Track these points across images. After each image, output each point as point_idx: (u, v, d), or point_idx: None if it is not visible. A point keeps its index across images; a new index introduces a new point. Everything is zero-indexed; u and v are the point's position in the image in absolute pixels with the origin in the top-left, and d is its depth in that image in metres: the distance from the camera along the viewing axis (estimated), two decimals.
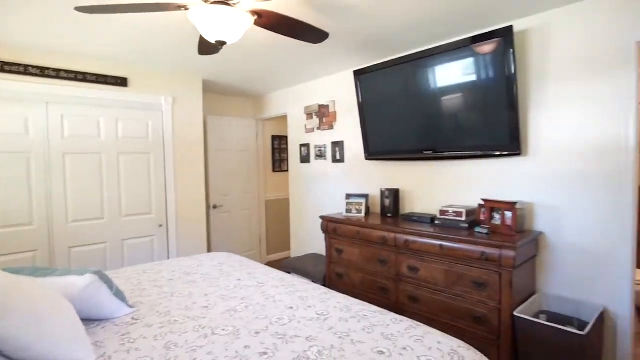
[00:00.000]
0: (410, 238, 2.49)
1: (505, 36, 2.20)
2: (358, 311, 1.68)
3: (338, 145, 3.72)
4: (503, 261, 2.03)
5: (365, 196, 3.27)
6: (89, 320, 1.61)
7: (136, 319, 1.63)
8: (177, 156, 3.60)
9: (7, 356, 1.08)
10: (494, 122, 2.36)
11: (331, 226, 3.11)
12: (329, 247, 3.15)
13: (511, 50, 2.19)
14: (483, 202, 2.39)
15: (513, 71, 2.21)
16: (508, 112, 2.28)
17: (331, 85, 3.77)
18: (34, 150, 2.82)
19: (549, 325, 1.91)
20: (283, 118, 4.95)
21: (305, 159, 4.18)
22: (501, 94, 2.29)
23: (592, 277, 2.14)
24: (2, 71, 2.67)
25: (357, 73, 3.12)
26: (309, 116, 4.05)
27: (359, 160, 3.53)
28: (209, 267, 2.44)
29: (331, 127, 3.79)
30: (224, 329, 1.51)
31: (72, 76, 2.97)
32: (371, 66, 3.00)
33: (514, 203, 2.21)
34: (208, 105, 4.52)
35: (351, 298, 1.86)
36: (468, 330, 2.21)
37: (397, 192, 3.06)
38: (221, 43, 1.74)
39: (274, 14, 1.78)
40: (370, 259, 2.78)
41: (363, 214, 3.13)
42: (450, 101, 2.56)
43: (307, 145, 4.13)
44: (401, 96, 2.83)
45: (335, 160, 3.78)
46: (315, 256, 3.80)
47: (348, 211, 3.21)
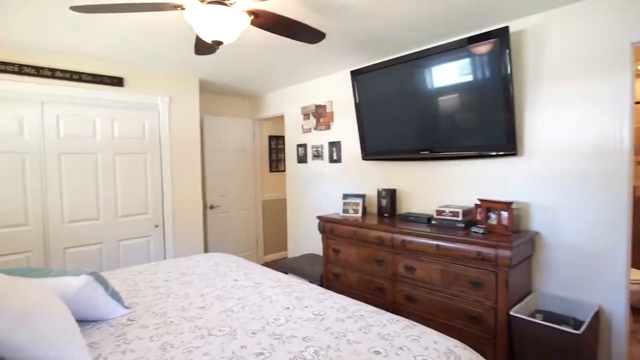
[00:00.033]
0: (407, 238, 2.49)
1: (501, 37, 2.21)
2: (354, 311, 1.68)
3: (335, 145, 3.72)
4: (499, 261, 2.04)
5: (362, 196, 3.27)
6: (85, 321, 1.60)
7: (132, 320, 1.62)
8: (174, 156, 3.59)
9: (1, 357, 1.07)
10: (491, 123, 2.37)
11: (328, 226, 3.11)
12: (326, 247, 3.15)
13: (507, 50, 2.20)
14: (479, 202, 2.40)
15: (509, 71, 2.22)
16: (504, 113, 2.29)
17: (328, 85, 3.77)
18: (29, 150, 2.80)
19: (545, 324, 1.92)
20: (280, 118, 4.95)
21: (302, 159, 4.17)
22: (497, 95, 2.30)
23: (588, 277, 2.15)
24: None
25: (354, 73, 3.12)
26: (306, 116, 4.05)
27: (356, 160, 3.53)
28: (206, 268, 2.44)
29: (328, 127, 3.79)
30: (221, 330, 1.50)
31: (68, 76, 2.95)
32: (368, 66, 3.00)
33: (510, 203, 2.22)
34: (205, 105, 4.50)
35: (348, 298, 1.86)
36: (464, 329, 2.21)
37: (394, 192, 3.07)
38: (217, 43, 1.74)
39: (271, 14, 1.78)
40: (367, 259, 2.79)
41: (360, 214, 3.14)
42: (446, 101, 2.57)
43: (304, 145, 4.13)
44: (398, 96, 2.84)
45: (332, 160, 3.78)
46: (312, 256, 3.79)
47: (345, 211, 3.21)
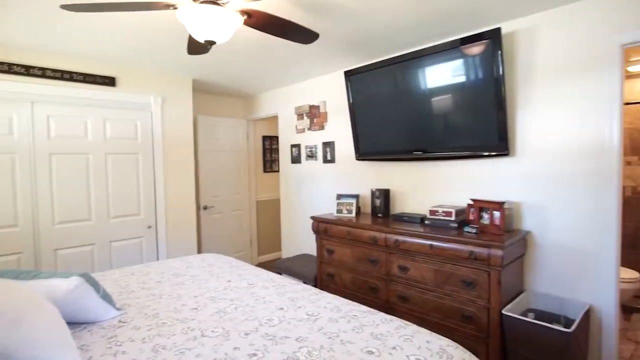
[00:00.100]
0: (400, 238, 2.50)
1: (493, 38, 2.23)
2: (348, 311, 1.68)
3: (329, 145, 3.72)
4: (491, 260, 2.05)
5: (355, 196, 3.27)
6: (76, 323, 1.58)
7: (124, 322, 1.60)
8: (167, 157, 3.56)
9: None
10: (483, 123, 2.39)
11: (322, 226, 3.11)
12: (320, 248, 3.15)
13: (499, 51, 2.22)
14: (472, 202, 2.42)
15: (501, 72, 2.24)
16: (496, 113, 2.31)
17: (322, 85, 3.77)
18: (19, 150, 2.77)
19: (536, 323, 1.93)
20: (274, 118, 4.94)
21: (296, 160, 4.17)
22: (489, 95, 2.32)
23: (578, 275, 2.18)
24: None
25: (348, 74, 3.12)
26: (300, 116, 4.05)
27: (350, 160, 3.53)
28: (199, 269, 2.42)
29: (322, 128, 3.79)
30: (213, 331, 1.50)
31: (59, 75, 2.92)
32: (362, 67, 3.01)
33: (502, 203, 2.23)
34: (198, 105, 4.48)
35: (341, 298, 1.86)
36: (458, 329, 2.22)
37: (388, 192, 3.08)
38: (210, 43, 1.73)
39: (264, 14, 1.77)
40: (360, 259, 2.79)
41: (354, 214, 3.14)
42: (439, 102, 2.58)
43: (298, 145, 4.12)
44: (392, 97, 2.85)
45: (326, 160, 3.78)
46: (306, 257, 3.79)
47: (339, 211, 3.21)
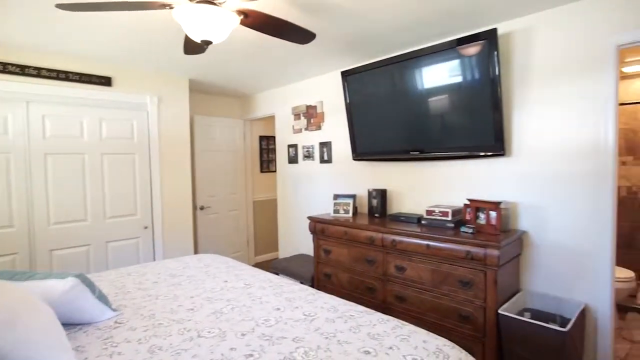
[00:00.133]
0: (397, 238, 2.50)
1: (489, 38, 2.24)
2: (345, 311, 1.68)
3: (326, 145, 3.72)
4: (488, 260, 2.06)
5: (352, 196, 3.27)
6: (71, 324, 1.57)
7: (120, 323, 1.60)
8: (163, 157, 3.55)
9: None
10: (479, 123, 2.40)
11: (319, 227, 3.11)
12: (317, 248, 3.15)
13: (495, 52, 2.22)
14: (468, 202, 2.43)
15: (497, 73, 2.24)
16: (492, 114, 2.32)
17: (319, 85, 3.77)
18: (14, 150, 2.75)
19: (532, 322, 1.94)
20: (271, 118, 4.94)
21: (293, 160, 4.17)
22: (486, 96, 2.33)
23: (574, 275, 2.19)
24: None
25: (345, 74, 3.12)
26: (297, 117, 4.04)
27: (347, 160, 3.54)
28: (195, 269, 2.42)
29: (319, 128, 3.79)
30: (210, 332, 1.49)
31: (54, 75, 2.90)
32: (359, 67, 3.01)
33: (499, 203, 2.24)
34: (195, 105, 4.47)
35: (338, 298, 1.86)
36: (454, 328, 2.23)
37: (385, 193, 3.08)
38: (207, 42, 1.72)
39: (260, 14, 1.77)
40: (357, 259, 2.79)
41: (351, 214, 3.14)
42: (436, 102, 2.59)
43: (295, 145, 4.12)
44: (388, 97, 2.85)
45: (323, 160, 3.78)
46: (303, 257, 3.79)
47: (336, 211, 3.21)
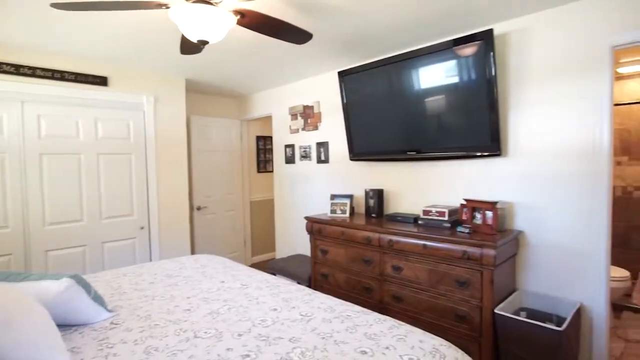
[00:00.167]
0: (394, 238, 2.50)
1: (485, 39, 2.25)
2: (341, 311, 1.68)
3: (323, 145, 3.72)
4: (484, 260, 2.07)
5: (349, 197, 3.28)
6: (66, 325, 1.56)
7: (115, 324, 1.59)
8: (160, 157, 3.54)
9: None
10: (476, 123, 2.40)
11: (316, 227, 3.10)
12: (314, 248, 3.15)
13: (491, 53, 2.23)
14: (465, 202, 2.43)
15: (493, 73, 2.25)
16: (489, 114, 2.33)
17: (316, 86, 3.77)
18: (9, 150, 2.73)
19: (528, 321, 1.95)
20: (268, 118, 4.93)
21: (290, 160, 4.17)
22: (482, 96, 2.34)
23: (570, 274, 2.20)
24: None
25: (342, 74, 3.13)
26: (294, 117, 4.04)
27: (344, 160, 3.54)
28: (192, 270, 2.41)
29: (316, 128, 3.79)
30: (206, 332, 1.49)
31: (49, 75, 2.88)
32: (355, 67, 3.01)
33: (495, 203, 2.25)
34: (191, 105, 4.46)
35: (335, 298, 1.86)
36: (451, 328, 2.23)
37: (381, 193, 3.09)
38: (203, 42, 1.72)
39: (257, 14, 1.77)
40: (354, 259, 2.79)
41: (347, 215, 3.14)
42: (433, 102, 2.59)
43: (292, 145, 4.12)
44: (385, 97, 2.86)
45: (319, 160, 3.78)
46: (300, 257, 3.79)
47: (333, 212, 3.21)
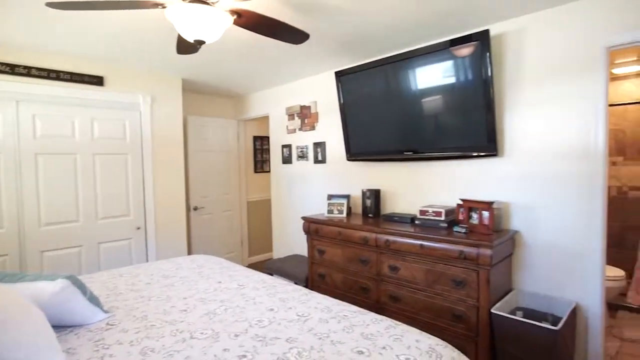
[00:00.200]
0: (391, 238, 2.51)
1: (482, 40, 2.25)
2: (338, 311, 1.68)
3: (320, 146, 3.72)
4: (480, 259, 2.07)
5: (346, 197, 3.28)
6: (62, 326, 1.56)
7: (111, 325, 1.58)
8: (156, 157, 3.53)
9: None
10: (472, 124, 2.41)
11: (313, 227, 3.10)
12: (311, 248, 3.15)
13: (488, 53, 2.24)
14: (461, 202, 2.44)
15: (489, 74, 2.26)
16: (485, 114, 2.34)
17: (313, 86, 3.77)
18: (4, 150, 2.71)
19: (524, 321, 1.96)
20: (265, 118, 4.92)
21: (287, 160, 4.16)
22: (478, 96, 2.34)
23: (565, 274, 2.21)
24: None
25: (339, 74, 3.13)
26: (291, 117, 4.04)
27: (341, 161, 3.54)
28: (188, 270, 2.40)
29: (313, 128, 3.79)
30: (203, 333, 1.48)
31: (45, 74, 2.86)
32: (352, 67, 3.02)
33: (491, 203, 2.26)
34: (188, 105, 4.44)
35: (331, 299, 1.86)
36: (448, 328, 2.24)
37: (378, 193, 3.09)
38: (200, 42, 1.71)
39: (254, 14, 1.77)
40: (351, 259, 2.80)
41: (344, 215, 3.15)
42: (429, 103, 2.60)
43: (289, 146, 4.12)
44: (382, 97, 2.86)
45: (317, 161, 3.78)
46: (297, 257, 3.79)
47: (330, 212, 3.22)
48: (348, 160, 3.27)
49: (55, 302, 1.47)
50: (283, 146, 4.20)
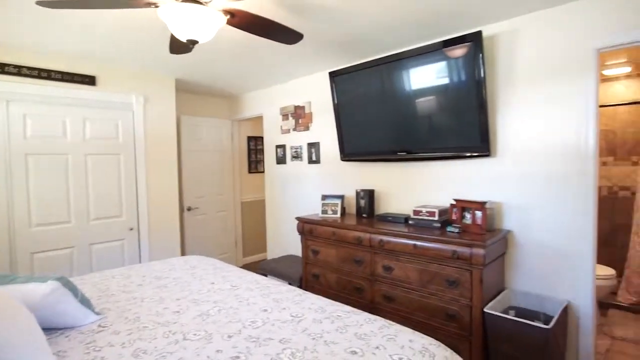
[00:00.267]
0: (384, 238, 2.51)
1: (475, 41, 2.27)
2: (332, 312, 1.68)
3: (314, 146, 3.72)
4: (474, 259, 2.09)
5: (340, 197, 3.28)
6: (53, 329, 1.54)
7: (103, 327, 1.57)
8: (149, 157, 3.50)
9: None
10: (465, 124, 2.43)
11: (307, 227, 3.10)
12: (305, 248, 3.14)
13: (480, 54, 2.25)
14: (455, 202, 2.45)
15: (482, 75, 2.28)
16: (478, 115, 2.35)
17: (307, 86, 3.77)
18: None
19: (517, 320, 1.97)
20: (259, 119, 4.91)
21: (281, 160, 4.16)
22: (471, 97, 2.36)
23: (557, 273, 2.24)
24: None
25: (333, 74, 3.13)
26: (285, 117, 4.03)
27: (335, 161, 3.54)
28: (181, 271, 2.39)
29: (307, 128, 3.79)
30: (196, 334, 1.48)
31: (36, 74, 2.83)
32: (346, 68, 3.02)
33: (484, 203, 2.27)
34: (182, 105, 4.42)
35: (325, 299, 1.86)
36: (441, 327, 2.25)
37: (372, 193, 3.10)
38: (193, 42, 1.70)
39: (247, 14, 1.76)
40: (345, 260, 2.80)
41: (339, 215, 3.15)
42: (423, 103, 2.61)
43: (283, 146, 4.11)
44: (376, 98, 2.87)
45: (311, 161, 3.78)
46: (291, 257, 3.78)
47: (324, 212, 3.22)
48: (342, 160, 3.27)
49: (45, 304, 1.45)
50: (277, 146, 4.20)
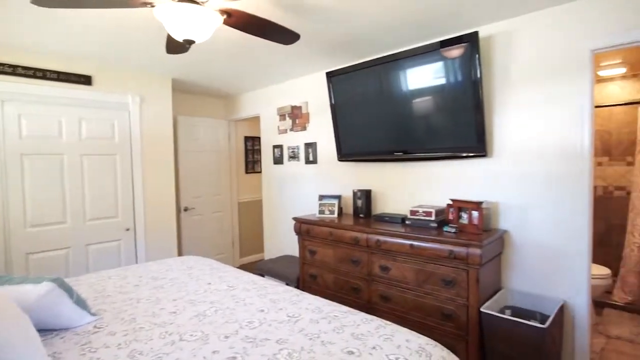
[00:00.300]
0: (381, 238, 2.52)
1: (471, 41, 2.27)
2: (329, 312, 1.68)
3: (311, 146, 3.72)
4: (470, 259, 2.09)
5: (337, 197, 3.28)
6: (48, 330, 1.53)
7: (99, 328, 1.56)
8: (145, 157, 3.49)
9: None
10: (462, 125, 2.43)
11: (304, 227, 3.10)
12: (302, 249, 3.14)
13: (477, 55, 2.26)
14: (451, 202, 2.46)
15: (479, 75, 2.28)
16: (474, 115, 2.36)
17: (304, 86, 3.77)
18: None
19: (513, 319, 1.98)
20: (256, 119, 4.91)
21: (278, 160, 4.15)
22: (468, 97, 2.37)
23: (553, 273, 2.25)
24: None
25: (330, 75, 3.13)
26: (282, 117, 4.03)
27: (332, 161, 3.54)
28: (178, 272, 2.38)
29: (304, 128, 3.79)
30: (192, 335, 1.47)
31: (31, 73, 2.81)
32: (343, 68, 3.02)
33: (480, 203, 2.28)
34: (178, 105, 4.40)
35: (322, 299, 1.86)
36: (438, 327, 2.26)
37: (369, 193, 3.10)
38: (189, 42, 1.70)
39: (244, 14, 1.76)
40: (342, 260, 2.80)
41: (336, 215, 3.15)
42: (420, 103, 2.62)
43: (280, 146, 4.11)
44: (373, 98, 2.87)
45: (308, 161, 3.77)
46: (288, 258, 3.78)
47: (321, 212, 3.22)
48: (339, 160, 3.28)
49: (41, 306, 1.44)
50: (274, 146, 4.19)
